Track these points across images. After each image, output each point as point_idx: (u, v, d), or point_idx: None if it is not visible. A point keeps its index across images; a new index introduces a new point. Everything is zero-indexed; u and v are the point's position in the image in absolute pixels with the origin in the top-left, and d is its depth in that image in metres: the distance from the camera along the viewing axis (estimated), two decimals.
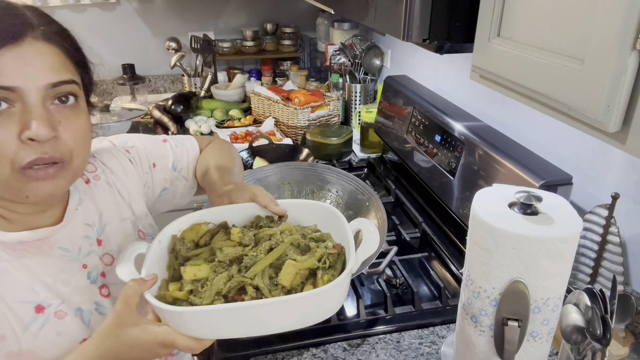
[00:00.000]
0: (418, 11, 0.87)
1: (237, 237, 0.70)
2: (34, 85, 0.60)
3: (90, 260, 0.75)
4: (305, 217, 0.74)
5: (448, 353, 0.95)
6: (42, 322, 0.67)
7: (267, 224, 0.73)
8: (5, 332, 0.64)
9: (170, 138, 0.98)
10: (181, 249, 0.69)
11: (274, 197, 0.78)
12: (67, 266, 0.71)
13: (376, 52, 2.17)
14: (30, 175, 0.61)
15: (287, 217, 0.74)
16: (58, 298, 0.69)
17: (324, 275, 0.64)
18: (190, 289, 0.64)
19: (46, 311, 0.67)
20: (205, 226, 0.73)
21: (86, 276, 0.73)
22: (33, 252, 0.68)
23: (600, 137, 0.59)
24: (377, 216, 1.13)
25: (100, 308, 0.73)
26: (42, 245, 0.70)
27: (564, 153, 1.14)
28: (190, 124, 2.21)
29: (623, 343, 0.91)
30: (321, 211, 0.72)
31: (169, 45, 2.49)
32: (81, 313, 0.71)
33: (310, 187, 1.26)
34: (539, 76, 0.65)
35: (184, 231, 0.73)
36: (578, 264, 0.99)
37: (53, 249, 0.71)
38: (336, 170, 1.26)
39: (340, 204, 1.23)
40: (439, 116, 1.40)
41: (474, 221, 0.75)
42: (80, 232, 0.75)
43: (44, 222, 0.71)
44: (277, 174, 1.27)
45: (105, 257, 0.77)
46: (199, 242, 0.72)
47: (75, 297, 0.71)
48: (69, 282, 0.71)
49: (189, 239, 0.72)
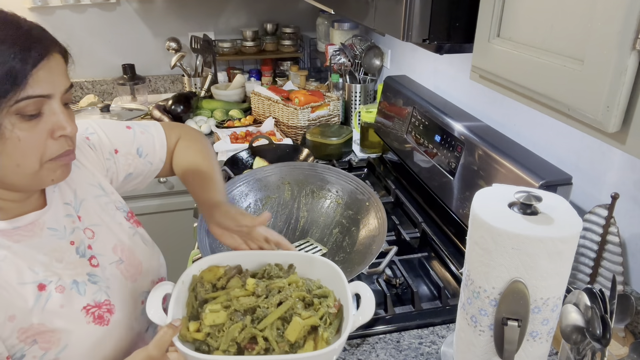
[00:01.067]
0: (418, 11, 0.87)
1: (252, 287, 0.79)
2: (59, 91, 0.71)
3: (76, 236, 0.83)
4: (311, 271, 0.84)
5: (448, 353, 0.95)
6: (45, 298, 0.75)
7: (277, 274, 0.83)
8: (15, 312, 0.71)
9: (134, 124, 1.04)
10: (201, 291, 0.79)
11: (275, 197, 0.93)
12: (58, 244, 0.80)
13: (376, 52, 2.17)
14: (58, 163, 0.74)
15: (295, 268, 0.84)
16: (55, 275, 0.77)
17: (324, 333, 0.74)
18: (208, 332, 0.74)
19: (47, 288, 0.76)
20: (222, 269, 0.83)
21: (75, 251, 0.82)
22: (27, 236, 0.76)
23: (600, 138, 0.59)
24: (377, 216, 1.13)
25: (92, 278, 0.82)
26: (34, 228, 0.78)
27: (563, 153, 1.14)
28: (190, 124, 2.21)
29: (623, 343, 0.91)
30: (326, 268, 0.82)
31: (169, 46, 2.49)
32: (77, 285, 0.79)
33: (310, 187, 1.26)
34: (539, 76, 0.65)
35: (203, 271, 0.82)
36: (578, 264, 0.99)
37: (43, 230, 0.79)
38: (336, 170, 1.26)
39: (340, 204, 1.23)
40: (438, 116, 1.40)
41: (474, 221, 0.75)
42: (62, 212, 0.83)
43: (31, 207, 0.79)
44: (277, 174, 1.27)
45: (86, 231, 0.85)
46: (217, 284, 0.81)
47: (69, 271, 0.79)
48: (62, 259, 0.79)
49: (207, 279, 0.81)
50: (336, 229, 1.20)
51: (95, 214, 0.88)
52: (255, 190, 1.25)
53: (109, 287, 0.83)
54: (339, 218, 1.21)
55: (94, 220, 0.87)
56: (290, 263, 0.85)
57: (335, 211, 1.23)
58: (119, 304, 0.83)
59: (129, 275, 0.88)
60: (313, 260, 0.83)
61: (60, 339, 0.75)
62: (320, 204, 1.25)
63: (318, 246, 1.16)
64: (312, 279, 0.83)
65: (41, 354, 0.74)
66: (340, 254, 1.15)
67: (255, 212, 1.23)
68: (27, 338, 0.72)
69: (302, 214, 1.24)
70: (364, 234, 1.14)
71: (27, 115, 0.67)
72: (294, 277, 0.81)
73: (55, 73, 0.70)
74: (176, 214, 2.08)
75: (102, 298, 0.81)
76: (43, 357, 0.74)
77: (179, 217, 2.07)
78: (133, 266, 0.90)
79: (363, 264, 1.02)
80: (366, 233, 1.13)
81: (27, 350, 0.72)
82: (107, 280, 0.84)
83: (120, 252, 0.89)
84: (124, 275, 0.87)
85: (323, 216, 1.23)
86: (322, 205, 1.24)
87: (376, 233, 1.10)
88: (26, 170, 0.71)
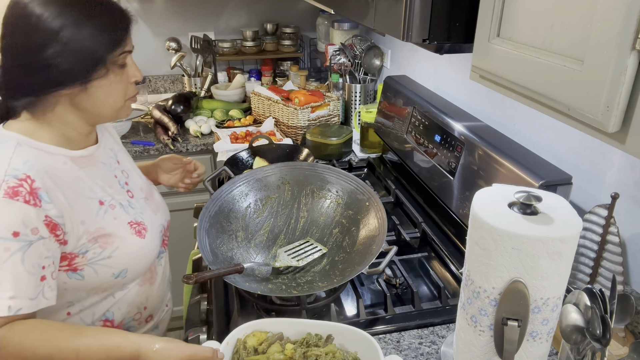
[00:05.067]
0: (418, 11, 0.87)
1: (290, 353, 0.83)
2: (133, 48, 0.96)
3: (118, 173, 1.07)
4: (349, 342, 0.85)
5: (448, 353, 0.95)
6: (104, 210, 0.98)
7: (315, 342, 0.86)
8: (84, 218, 0.93)
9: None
10: (243, 353, 0.84)
11: (275, 197, 1.26)
12: (108, 174, 1.04)
13: (376, 52, 2.17)
14: (129, 102, 1.00)
15: (333, 339, 0.86)
16: (109, 196, 1.01)
17: None
18: None
19: (105, 204, 0.99)
20: (265, 334, 0.87)
21: (118, 183, 1.06)
22: (89, 164, 0.99)
23: (600, 137, 0.59)
24: (377, 216, 1.13)
25: (131, 204, 1.05)
26: (92, 160, 1.01)
27: (563, 153, 1.14)
28: (190, 124, 2.21)
29: (623, 343, 0.91)
30: (363, 340, 0.83)
31: (169, 46, 2.49)
32: (122, 206, 1.03)
33: (310, 187, 1.26)
34: (539, 76, 0.65)
35: (247, 335, 0.86)
36: (578, 264, 0.99)
37: (98, 163, 1.02)
38: (336, 170, 1.26)
39: (340, 204, 1.23)
40: (438, 116, 1.40)
41: (474, 221, 0.75)
42: (107, 153, 1.07)
43: (90, 142, 1.02)
44: (277, 174, 1.27)
45: (124, 172, 1.10)
46: (258, 348, 0.85)
47: (117, 196, 1.03)
48: (112, 185, 1.03)
49: (250, 343, 0.85)
50: (336, 229, 1.20)
51: (127, 162, 1.14)
52: (255, 190, 1.25)
53: (142, 213, 1.07)
54: (339, 218, 1.21)
55: (127, 166, 1.13)
56: (329, 333, 0.87)
57: (335, 211, 1.23)
58: (150, 226, 1.06)
59: (154, 209, 1.12)
60: (352, 332, 0.85)
61: (114, 242, 0.97)
62: (320, 204, 1.24)
63: (318, 246, 1.16)
64: (350, 351, 0.85)
65: (100, 251, 0.95)
66: (340, 254, 1.15)
67: (256, 211, 1.23)
68: (92, 238, 0.94)
69: (302, 214, 1.24)
70: (364, 233, 1.14)
71: (120, 65, 0.93)
72: (331, 347, 0.84)
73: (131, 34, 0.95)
74: (176, 214, 2.07)
75: (139, 219, 1.04)
76: (101, 253, 0.96)
77: (179, 217, 2.07)
78: (154, 204, 1.14)
79: (363, 264, 1.02)
80: (366, 233, 1.13)
81: (90, 247, 0.94)
82: (141, 208, 1.07)
83: (147, 192, 1.14)
84: (151, 208, 1.11)
85: (323, 216, 1.23)
86: (322, 205, 1.24)
87: (376, 233, 1.10)
88: (115, 105, 0.96)
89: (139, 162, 1.26)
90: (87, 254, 0.94)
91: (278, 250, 1.17)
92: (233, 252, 1.14)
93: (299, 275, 1.12)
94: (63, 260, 0.92)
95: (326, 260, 1.15)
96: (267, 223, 1.23)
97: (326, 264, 1.14)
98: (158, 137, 2.12)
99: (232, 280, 1.00)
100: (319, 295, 1.09)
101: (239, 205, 1.22)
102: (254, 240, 1.20)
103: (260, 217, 1.24)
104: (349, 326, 0.86)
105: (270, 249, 1.19)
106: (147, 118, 2.28)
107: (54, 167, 0.92)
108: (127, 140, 2.12)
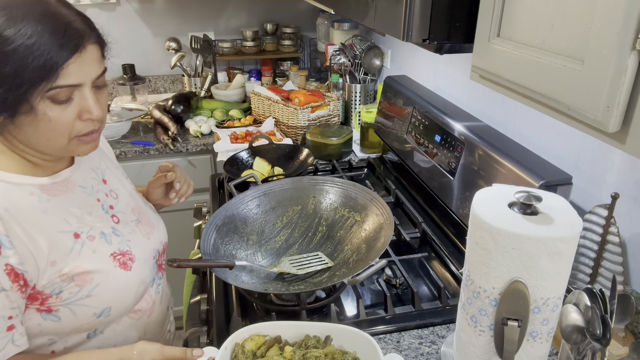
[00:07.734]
0: (418, 11, 0.87)
1: (289, 355, 0.82)
2: (89, 79, 0.79)
3: (101, 195, 0.96)
4: (348, 343, 0.85)
5: (448, 353, 0.95)
6: (80, 244, 0.87)
7: (314, 344, 0.85)
8: (55, 258, 0.82)
9: None
10: (241, 357, 0.84)
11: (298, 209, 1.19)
12: (87, 200, 0.92)
13: (376, 52, 2.17)
14: (83, 140, 0.83)
15: (332, 340, 0.86)
16: (87, 226, 0.89)
17: None
18: None
19: (81, 236, 0.87)
20: (263, 338, 0.87)
21: (101, 207, 0.94)
22: (63, 190, 0.88)
23: (600, 137, 0.59)
24: (385, 234, 1.09)
25: (115, 231, 0.94)
26: (68, 185, 0.89)
27: (563, 153, 1.14)
28: (190, 124, 2.21)
29: (623, 343, 0.91)
30: (362, 340, 0.83)
31: (169, 46, 2.49)
32: (104, 235, 0.92)
33: (335, 204, 1.24)
34: (539, 76, 0.65)
35: (245, 340, 0.86)
36: (578, 264, 0.99)
37: (75, 187, 0.91)
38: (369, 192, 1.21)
39: (358, 221, 1.20)
40: (439, 116, 1.40)
41: (474, 221, 0.75)
42: (89, 174, 0.96)
43: (64, 165, 0.91)
44: (304, 187, 1.27)
45: (111, 193, 0.99)
46: (257, 352, 0.85)
47: (98, 223, 0.91)
48: (91, 212, 0.91)
49: (248, 348, 0.85)
50: (348, 245, 1.18)
51: (117, 181, 1.03)
52: (278, 201, 1.25)
53: (129, 241, 0.96)
54: (353, 237, 1.19)
55: (116, 186, 1.01)
56: (328, 335, 0.86)
57: (352, 229, 1.21)
58: (138, 255, 0.96)
59: (145, 233, 1.01)
60: (350, 332, 0.85)
61: (93, 279, 0.87)
62: (340, 221, 1.23)
63: (325, 259, 1.14)
64: (349, 351, 0.85)
65: (77, 290, 0.85)
66: (342, 269, 1.11)
67: (276, 219, 1.23)
68: (66, 278, 0.84)
69: (321, 228, 1.23)
70: (371, 255, 1.11)
71: (59, 100, 0.76)
72: (330, 349, 0.84)
73: (87, 64, 0.78)
74: (176, 214, 2.07)
75: (125, 248, 0.94)
76: (78, 293, 0.85)
77: (179, 217, 2.07)
78: (147, 226, 1.04)
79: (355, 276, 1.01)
80: (374, 254, 1.10)
81: (65, 287, 0.83)
82: (128, 234, 0.97)
83: (138, 214, 1.03)
84: (141, 232, 1.01)
85: (340, 232, 1.21)
86: (342, 223, 1.22)
87: (381, 249, 1.07)
88: (55, 145, 0.81)
89: (139, 185, 1.19)
90: (61, 294, 0.83)
91: (284, 258, 1.16)
92: (238, 251, 1.14)
93: (294, 283, 1.10)
94: (34, 300, 0.82)
95: (327, 274, 1.12)
96: (284, 232, 1.23)
97: (325, 277, 1.11)
98: (158, 137, 2.12)
99: (222, 275, 1.00)
100: (319, 295, 1.09)
101: (259, 211, 1.23)
102: (266, 245, 1.19)
103: (279, 225, 1.23)
104: (347, 326, 0.85)
105: (280, 257, 1.17)
106: (147, 118, 2.28)
107: (18, 202, 0.80)
108: (127, 140, 2.12)
